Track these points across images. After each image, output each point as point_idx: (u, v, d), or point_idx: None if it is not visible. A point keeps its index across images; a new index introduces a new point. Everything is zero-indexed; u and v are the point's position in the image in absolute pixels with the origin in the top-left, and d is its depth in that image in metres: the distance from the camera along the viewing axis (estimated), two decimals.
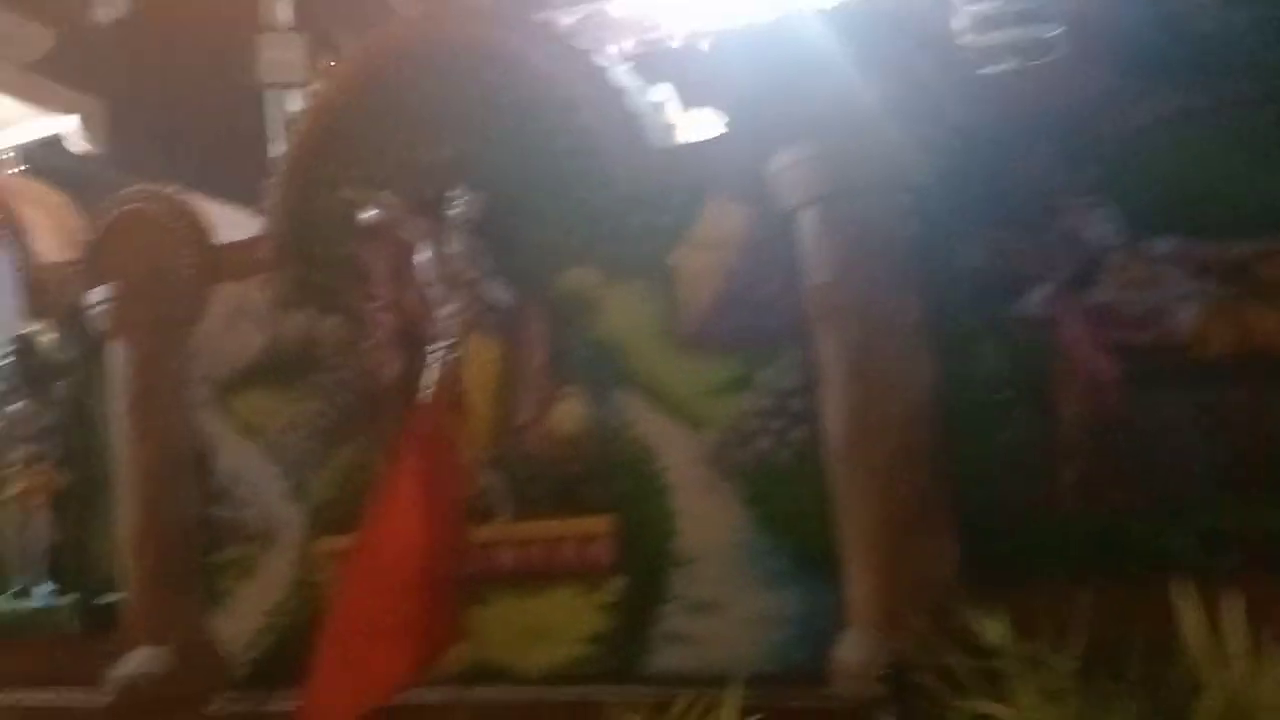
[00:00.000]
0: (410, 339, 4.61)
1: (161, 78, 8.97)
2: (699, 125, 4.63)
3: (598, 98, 4.19)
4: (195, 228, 5.07)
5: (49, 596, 5.43)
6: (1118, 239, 3.33)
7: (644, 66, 4.32)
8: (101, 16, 8.65)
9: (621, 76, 4.25)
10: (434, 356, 4.48)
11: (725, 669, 3.73)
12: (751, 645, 3.92)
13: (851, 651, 3.67)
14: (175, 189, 5.23)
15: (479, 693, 3.76)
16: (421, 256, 4.49)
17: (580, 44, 4.26)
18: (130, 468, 5.10)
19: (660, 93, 4.63)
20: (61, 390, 5.53)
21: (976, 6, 3.57)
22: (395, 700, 3.03)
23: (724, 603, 4.01)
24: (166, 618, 4.99)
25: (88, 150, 8.58)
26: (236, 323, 5.03)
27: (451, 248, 4.40)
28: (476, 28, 4.46)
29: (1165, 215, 3.35)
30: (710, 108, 4.86)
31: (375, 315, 4.64)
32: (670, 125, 4.39)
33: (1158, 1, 3.35)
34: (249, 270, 4.97)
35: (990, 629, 3.11)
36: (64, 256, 5.67)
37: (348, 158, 4.78)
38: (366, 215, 4.56)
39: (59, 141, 8.56)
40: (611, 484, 4.21)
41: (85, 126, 8.66)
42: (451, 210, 4.42)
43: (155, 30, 8.87)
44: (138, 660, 4.96)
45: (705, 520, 4.06)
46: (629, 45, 7.52)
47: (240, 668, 4.95)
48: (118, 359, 5.19)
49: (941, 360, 3.61)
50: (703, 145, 4.13)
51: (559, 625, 4.25)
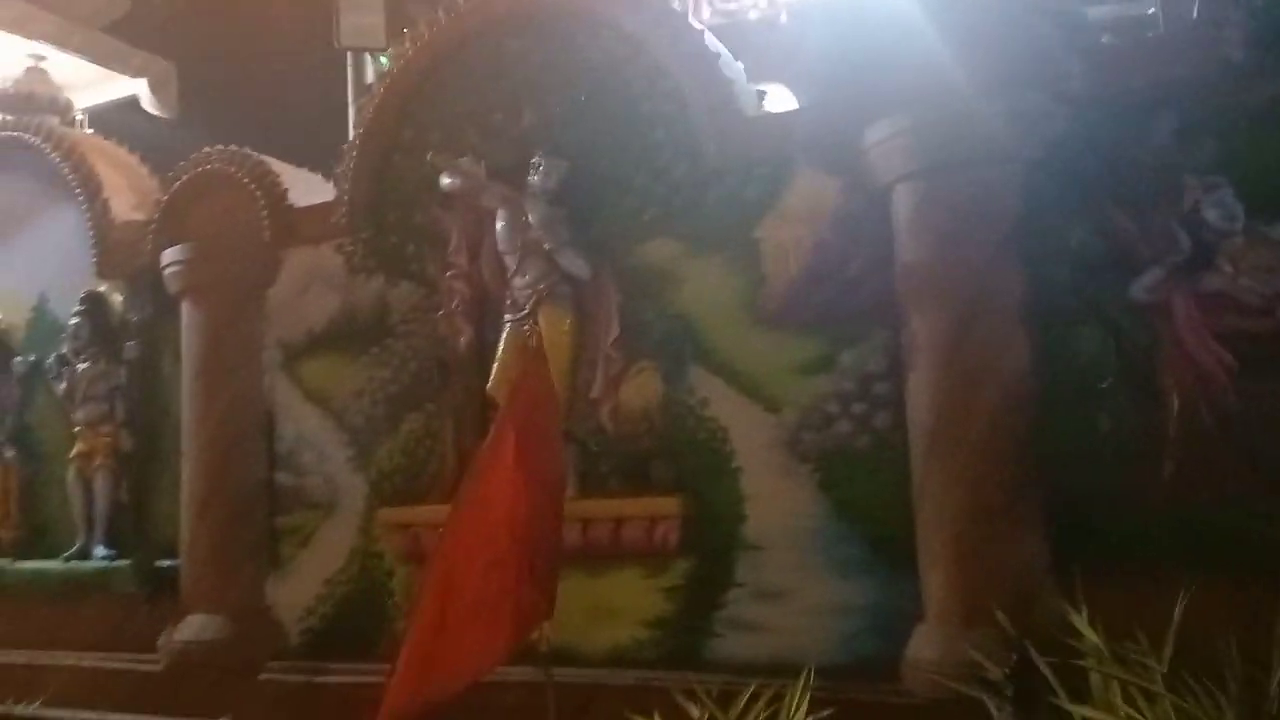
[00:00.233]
0: (483, 308, 4.60)
1: (234, 42, 9.08)
2: (774, 101, 4.54)
3: (689, 62, 4.14)
4: (271, 190, 5.11)
5: (107, 559, 5.49)
6: (1238, 221, 3.19)
7: (720, 39, 4.24)
8: None
9: (714, 41, 4.19)
10: (506, 327, 4.47)
11: (792, 659, 3.68)
12: (820, 635, 3.84)
13: (927, 646, 3.58)
14: (250, 151, 5.25)
15: (533, 673, 3.68)
16: (499, 224, 4.47)
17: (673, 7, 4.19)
18: (196, 431, 5.15)
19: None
20: (130, 351, 5.58)
21: None
22: (486, 677, 2.98)
23: (793, 590, 3.93)
24: (224, 584, 5.04)
25: (159, 113, 8.69)
26: (309, 287, 5.06)
27: (530, 216, 4.37)
28: None
29: None
30: (785, 83, 4.78)
31: (449, 283, 4.63)
32: (760, 94, 4.31)
33: None
34: (323, 235, 4.99)
35: (1082, 626, 3.01)
36: (137, 216, 5.74)
37: (427, 123, 4.79)
38: (444, 182, 4.54)
39: (132, 104, 8.68)
40: (682, 463, 4.15)
41: (156, 90, 8.76)
42: (531, 178, 4.39)
43: None
44: (194, 626, 5.02)
45: (777, 504, 3.98)
46: (705, 16, 7.41)
47: (295, 637, 4.97)
48: (189, 321, 5.25)
49: (1040, 345, 3.50)
50: (795, 115, 4.05)
51: (621, 607, 4.20)
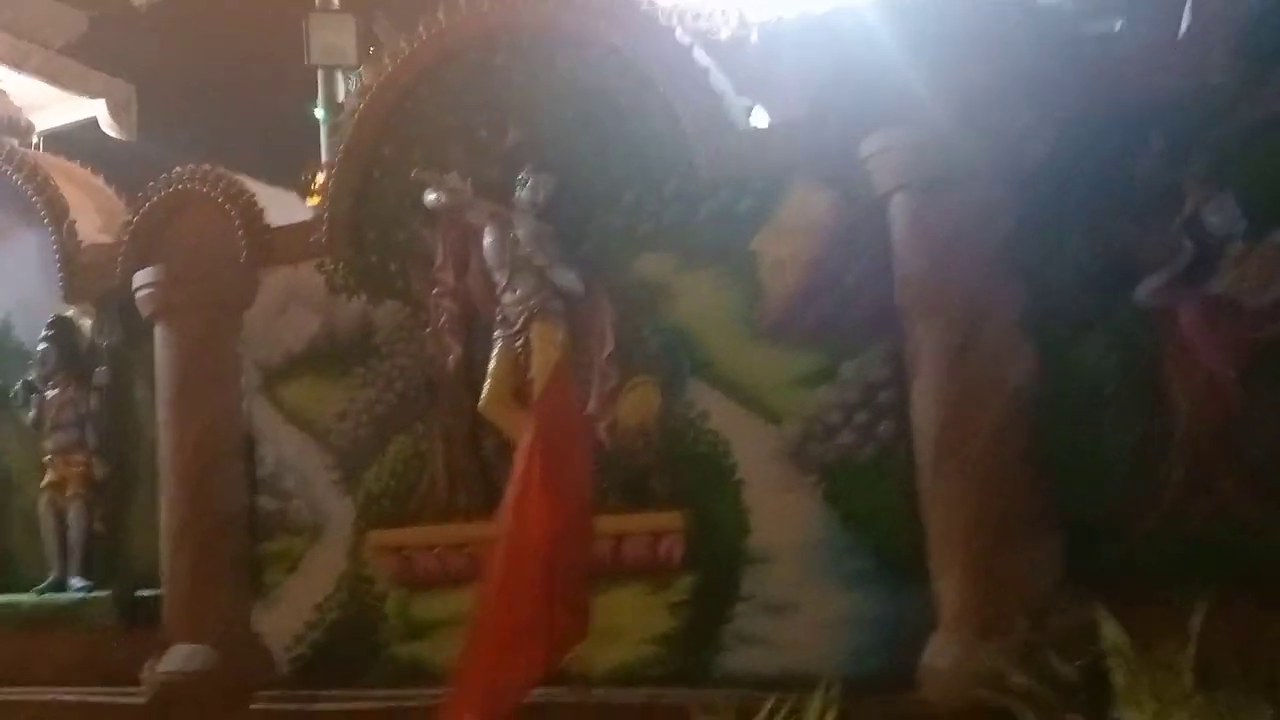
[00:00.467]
0: (471, 326, 4.57)
1: (194, 63, 8.97)
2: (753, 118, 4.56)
3: (678, 77, 4.15)
4: (247, 210, 5.04)
5: (84, 590, 5.37)
6: (1238, 227, 3.25)
7: None
8: (138, 1, 8.66)
9: (702, 55, 4.20)
10: (497, 344, 4.44)
11: (802, 672, 3.69)
12: (830, 648, 3.85)
13: (941, 656, 3.60)
14: (223, 170, 5.17)
15: (540, 694, 3.68)
16: (486, 241, 4.44)
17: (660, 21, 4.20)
18: (173, 456, 5.06)
19: None
20: (101, 376, 5.48)
21: None
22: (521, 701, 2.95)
23: (801, 603, 3.95)
24: (209, 612, 4.95)
25: (119, 135, 8.58)
26: (288, 307, 5.00)
27: (518, 232, 4.35)
28: (550, 6, 4.41)
29: None
30: (758, 102, 4.82)
31: (436, 301, 4.60)
32: (748, 108, 4.33)
33: None
34: (302, 254, 4.94)
35: (1107, 632, 3.05)
36: (105, 238, 5.63)
37: (409, 140, 4.75)
38: (429, 198, 4.51)
39: (89, 126, 8.56)
40: (682, 478, 4.15)
41: (116, 112, 8.66)
42: (519, 193, 4.38)
43: (190, 14, 8.88)
44: (178, 656, 4.92)
45: (781, 517, 3.99)
46: None
47: (285, 665, 4.91)
48: (163, 344, 5.16)
49: (1044, 354, 3.55)
50: (788, 128, 4.08)
51: (626, 624, 4.18)
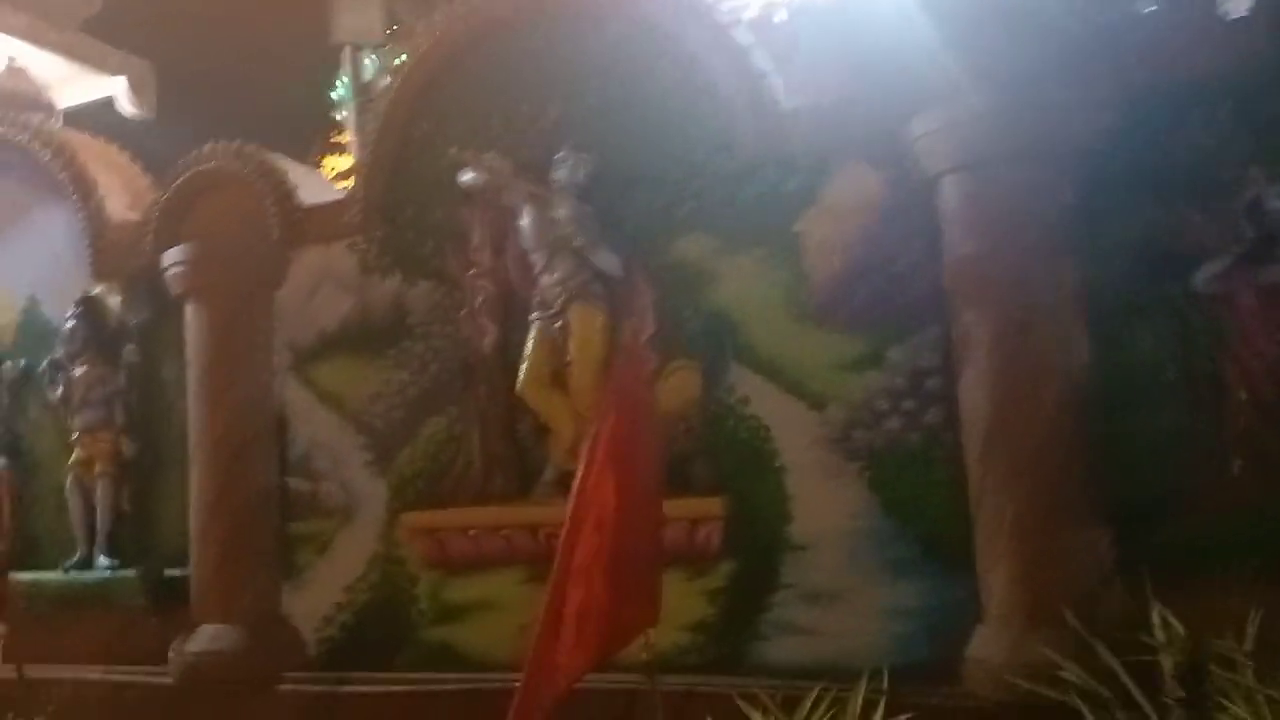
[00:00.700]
0: (508, 307, 4.56)
1: (214, 41, 8.95)
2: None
3: (722, 56, 4.12)
4: (279, 188, 5.03)
5: (110, 569, 5.40)
6: None
7: None
8: None
9: (745, 34, 4.17)
10: (534, 326, 4.43)
11: (843, 662, 3.69)
12: (872, 638, 3.85)
13: (988, 648, 3.59)
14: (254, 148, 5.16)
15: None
16: (524, 221, 4.43)
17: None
18: (203, 436, 5.08)
19: None
20: (130, 354, 5.49)
21: None
22: (574, 685, 2.95)
23: (842, 592, 3.94)
24: (237, 593, 4.97)
25: (137, 114, 8.55)
26: (321, 287, 5.00)
27: (557, 212, 4.33)
28: None
29: None
30: (784, 81, 4.76)
31: (471, 282, 4.59)
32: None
33: None
34: (335, 233, 4.93)
35: (1161, 626, 3.04)
36: (132, 216, 5.64)
37: (446, 117, 4.74)
38: (466, 177, 4.49)
39: (107, 105, 8.53)
40: (723, 463, 4.14)
41: (135, 90, 8.62)
42: (558, 173, 4.36)
43: None
44: (206, 637, 4.95)
45: (824, 504, 3.98)
46: None
47: (314, 647, 4.92)
48: (193, 323, 5.16)
49: (1098, 339, 3.52)
50: (835, 107, 4.04)
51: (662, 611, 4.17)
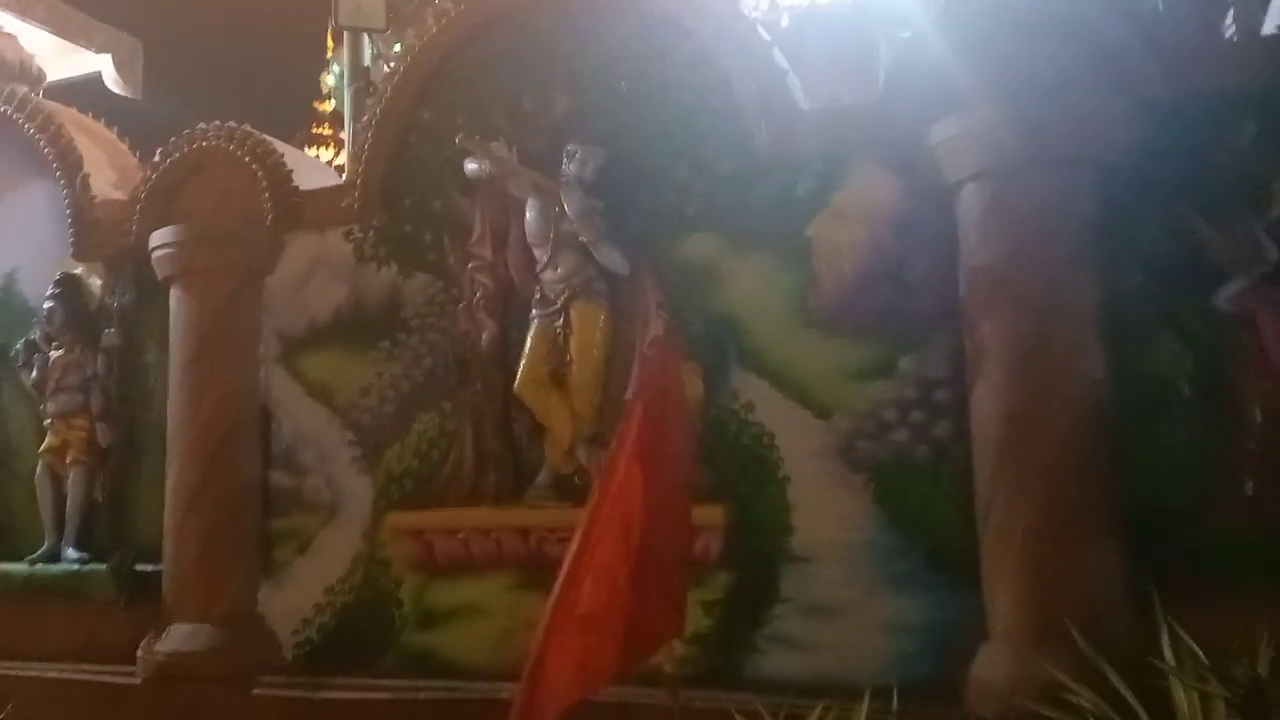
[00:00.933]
0: (508, 302, 4.50)
1: (202, 19, 8.86)
2: None
3: (739, 52, 4.08)
4: (274, 171, 4.94)
5: (81, 562, 5.26)
6: None
7: None
8: None
9: (763, 31, 4.14)
10: (534, 323, 4.37)
11: (842, 678, 3.64)
12: (873, 654, 3.80)
13: (993, 667, 3.55)
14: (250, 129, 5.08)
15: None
16: (529, 214, 4.37)
17: None
18: (184, 425, 4.96)
19: None
20: (110, 338, 5.36)
21: None
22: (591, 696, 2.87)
23: (844, 606, 3.89)
24: (212, 591, 4.85)
25: (123, 92, 8.43)
26: (314, 275, 4.90)
27: (564, 206, 4.27)
28: None
29: None
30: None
31: (471, 275, 4.52)
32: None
33: None
34: (331, 220, 4.84)
35: (1170, 647, 3.01)
36: (118, 195, 5.53)
37: (450, 105, 4.67)
38: (471, 167, 4.43)
39: (94, 81, 8.41)
40: (724, 471, 4.07)
41: (121, 68, 8.50)
42: (566, 166, 4.30)
43: None
44: (177, 636, 4.82)
45: (827, 515, 3.93)
46: None
47: (290, 650, 4.81)
48: (178, 307, 5.06)
49: (1114, 354, 3.49)
50: (853, 110, 4.01)
51: None
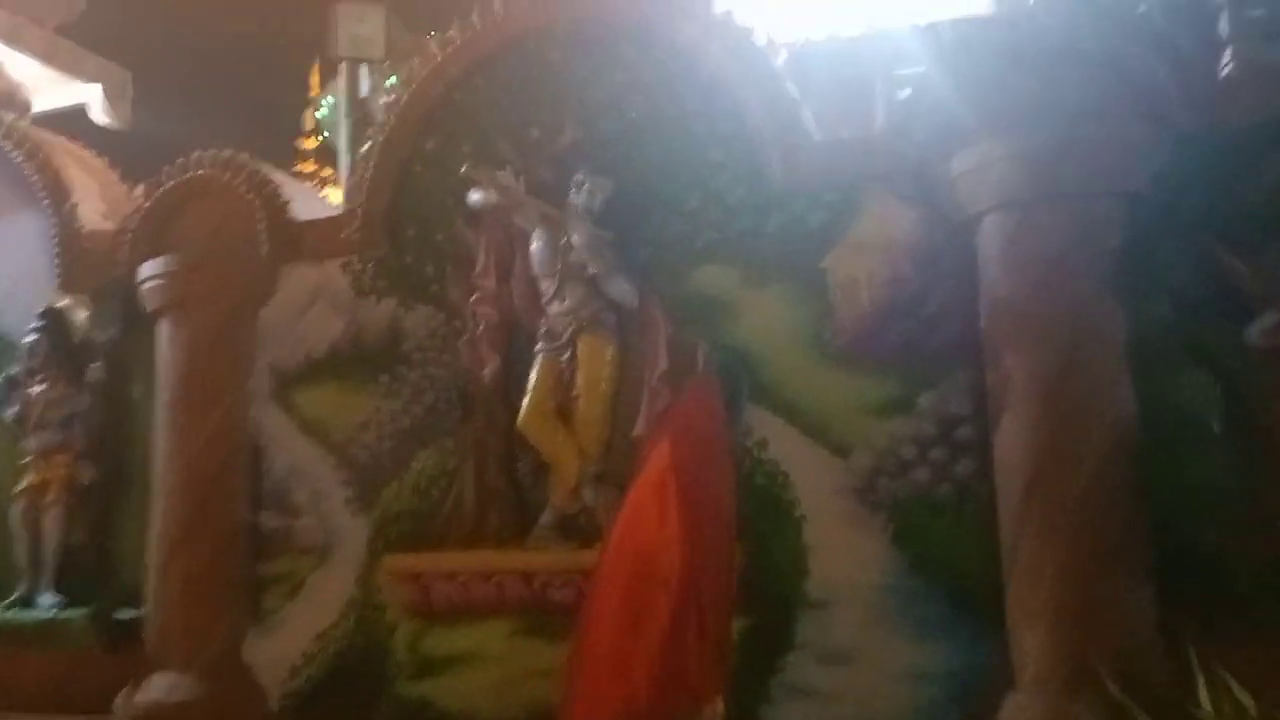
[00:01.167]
0: (511, 336, 4.40)
1: (194, 51, 8.81)
2: None
3: (753, 81, 4.03)
4: (271, 200, 4.84)
5: (58, 607, 5.07)
6: None
7: None
8: None
9: (777, 60, 4.09)
10: (539, 357, 4.27)
11: None
12: (894, 704, 3.67)
13: (1021, 716, 3.41)
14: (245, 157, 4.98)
15: None
16: (535, 245, 4.28)
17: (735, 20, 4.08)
18: (171, 463, 4.80)
19: None
20: (95, 373, 5.22)
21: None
22: None
23: (862, 653, 3.76)
24: (197, 638, 4.66)
25: (111, 124, 8.34)
26: (310, 308, 4.79)
27: (571, 238, 4.19)
28: None
29: None
30: None
31: (474, 308, 4.42)
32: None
33: None
34: (330, 251, 4.74)
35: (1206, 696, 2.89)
36: (107, 225, 5.42)
37: (455, 135, 4.59)
38: (475, 197, 4.34)
39: (80, 114, 8.32)
40: (737, 510, 3.95)
41: (111, 98, 8.41)
42: (574, 196, 4.22)
43: (191, 3, 8.73)
44: (159, 686, 4.62)
45: (845, 557, 3.81)
46: None
47: (277, 701, 4.62)
48: (167, 341, 4.92)
49: (1142, 389, 3.41)
50: (867, 139, 3.96)
51: None
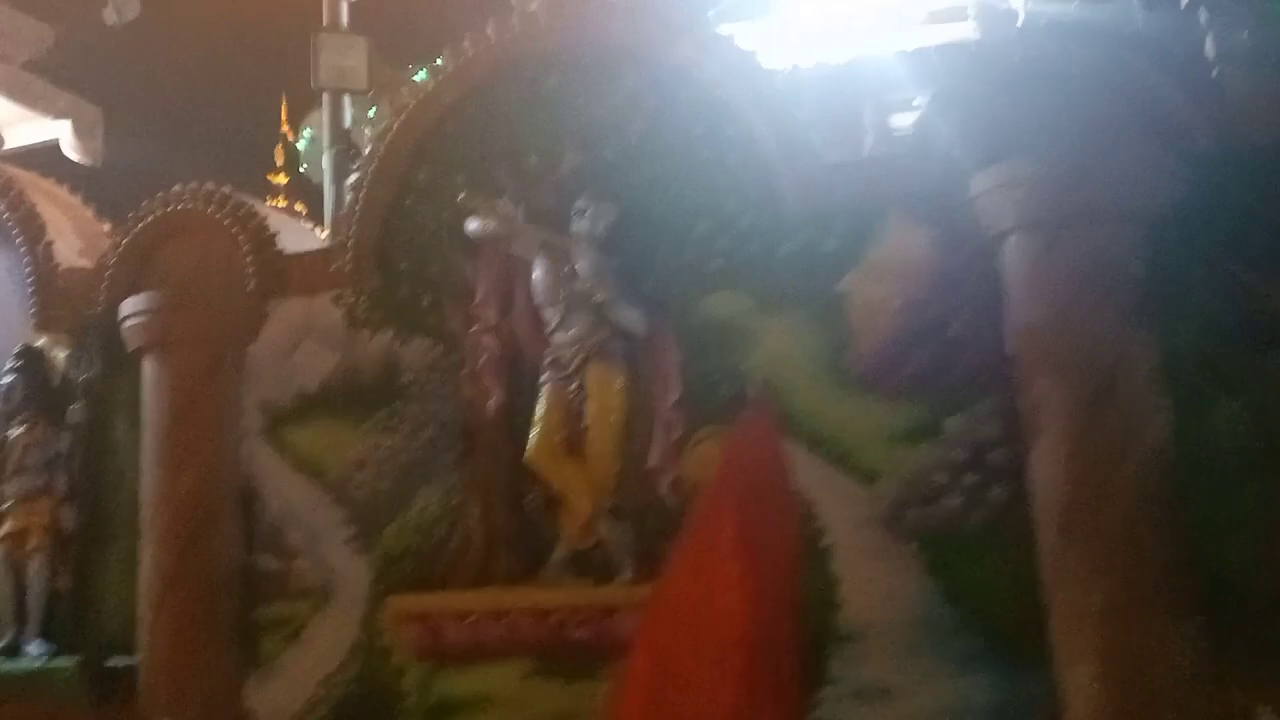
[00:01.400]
0: (514, 367, 4.25)
1: (164, 86, 8.62)
2: None
3: (762, 105, 3.92)
4: (257, 234, 4.67)
5: (44, 656, 4.83)
6: None
7: None
8: (110, 20, 8.29)
9: (786, 83, 4.00)
10: (545, 388, 4.12)
11: None
12: None
13: None
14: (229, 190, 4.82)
15: None
16: (537, 274, 4.14)
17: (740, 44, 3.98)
18: (159, 506, 4.61)
19: None
20: (75, 414, 5.00)
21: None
22: None
23: (897, 689, 3.62)
24: (192, 686, 4.47)
25: (82, 160, 8.14)
26: (301, 343, 4.62)
27: (577, 265, 4.06)
28: (615, 22, 4.17)
29: None
30: None
31: (475, 339, 4.27)
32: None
33: None
34: (320, 284, 4.58)
35: None
36: (84, 263, 5.22)
37: (451, 163, 4.44)
38: (473, 226, 4.20)
39: (52, 149, 8.11)
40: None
41: (81, 135, 8.22)
42: (577, 223, 4.09)
43: (162, 37, 8.54)
44: None
45: (875, 589, 3.69)
46: None
47: None
48: (152, 380, 4.73)
49: (1179, 412, 3.32)
50: (884, 161, 3.87)
51: None
